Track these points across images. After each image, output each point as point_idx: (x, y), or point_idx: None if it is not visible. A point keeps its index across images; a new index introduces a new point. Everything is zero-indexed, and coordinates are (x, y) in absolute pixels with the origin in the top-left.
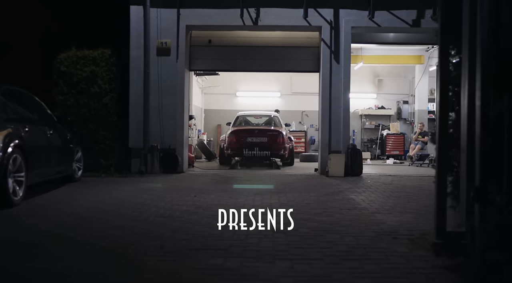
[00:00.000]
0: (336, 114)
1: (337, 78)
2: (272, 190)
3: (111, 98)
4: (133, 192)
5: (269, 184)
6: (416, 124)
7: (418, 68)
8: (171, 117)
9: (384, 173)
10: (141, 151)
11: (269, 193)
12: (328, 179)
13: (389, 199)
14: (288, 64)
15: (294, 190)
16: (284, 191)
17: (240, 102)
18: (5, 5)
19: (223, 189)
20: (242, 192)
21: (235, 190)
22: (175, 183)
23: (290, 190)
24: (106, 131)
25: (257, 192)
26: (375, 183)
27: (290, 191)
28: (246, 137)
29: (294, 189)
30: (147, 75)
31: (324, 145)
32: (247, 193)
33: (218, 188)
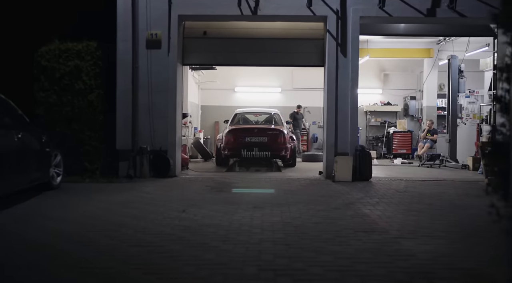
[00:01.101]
0: (343, 112)
1: (344, 73)
2: (273, 201)
3: (97, 95)
4: (114, 205)
5: (270, 192)
6: (425, 121)
7: (427, 62)
8: (162, 116)
9: (394, 176)
10: (129, 154)
11: (270, 206)
12: (335, 185)
13: (409, 215)
14: (290, 58)
15: (299, 201)
16: (287, 202)
17: (238, 98)
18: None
19: (218, 200)
20: (239, 205)
21: (231, 201)
22: (165, 192)
23: (294, 201)
24: (92, 131)
25: (256, 205)
26: (388, 190)
27: (294, 202)
28: (244, 137)
29: (298, 199)
30: (135, 69)
31: (329, 146)
32: (244, 206)
33: (212, 198)
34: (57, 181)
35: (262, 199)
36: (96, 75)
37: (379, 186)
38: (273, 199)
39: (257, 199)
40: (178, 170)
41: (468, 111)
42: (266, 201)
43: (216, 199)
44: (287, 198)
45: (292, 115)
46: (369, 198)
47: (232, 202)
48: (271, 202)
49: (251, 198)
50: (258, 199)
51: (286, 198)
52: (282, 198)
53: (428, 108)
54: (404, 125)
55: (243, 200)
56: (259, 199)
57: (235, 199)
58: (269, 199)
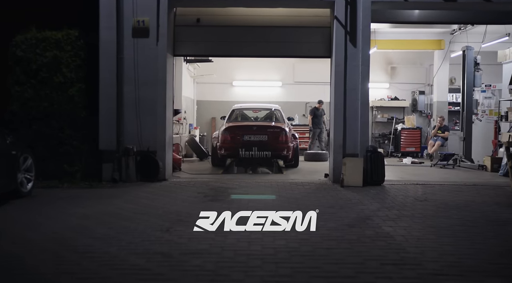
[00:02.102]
0: (352, 109)
1: (353, 65)
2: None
3: (79, 89)
4: (86, 220)
5: (271, 200)
6: (435, 118)
7: (438, 54)
8: (150, 112)
9: (407, 179)
10: (113, 155)
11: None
12: (344, 192)
13: (441, 235)
14: (293, 48)
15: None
16: None
17: (237, 92)
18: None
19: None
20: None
21: None
22: (150, 200)
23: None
24: (73, 129)
25: (255, 221)
26: (405, 198)
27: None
28: (242, 135)
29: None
30: (120, 60)
31: (337, 146)
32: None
33: (203, 210)
34: (28, 188)
35: (262, 212)
36: (78, 67)
37: (394, 193)
38: (275, 212)
39: (257, 211)
40: (169, 172)
41: (484, 107)
42: (265, 205)
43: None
44: (291, 210)
45: (312, 111)
46: (386, 209)
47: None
48: (273, 216)
49: (250, 210)
50: (258, 211)
51: (290, 210)
52: (285, 209)
53: (438, 103)
54: (413, 122)
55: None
56: (260, 209)
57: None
58: (270, 212)
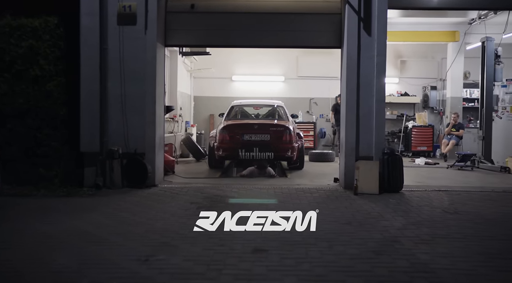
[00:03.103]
0: (366, 106)
1: (367, 56)
2: (282, 234)
3: (58, 83)
4: (45, 244)
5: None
6: (448, 115)
7: (452, 47)
8: (138, 110)
9: (427, 184)
10: (97, 157)
11: (278, 246)
12: (359, 201)
13: (497, 268)
14: (299, 38)
15: (318, 235)
16: (302, 237)
17: (236, 87)
18: None
19: (203, 233)
20: (233, 244)
21: (221, 235)
22: (133, 214)
23: (311, 234)
24: (51, 128)
25: (258, 246)
26: (432, 210)
27: (312, 237)
28: (242, 134)
29: (317, 231)
30: (104, 51)
31: (349, 148)
32: (240, 248)
33: (193, 231)
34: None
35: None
36: (57, 59)
37: (417, 203)
38: (281, 230)
39: (259, 232)
40: (159, 177)
41: (505, 103)
42: (272, 236)
43: (200, 232)
44: (301, 232)
45: (334, 106)
46: (414, 226)
47: (222, 236)
48: (280, 236)
49: (250, 230)
50: (260, 232)
51: (300, 232)
52: (295, 229)
53: (452, 99)
54: (425, 119)
55: (237, 234)
56: (262, 231)
57: (228, 232)
58: (276, 232)
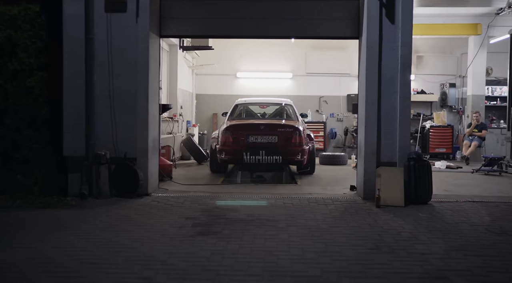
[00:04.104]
0: (388, 104)
1: (390, 47)
2: (295, 265)
3: (39, 79)
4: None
5: (286, 240)
6: (470, 114)
7: (473, 41)
8: (129, 108)
9: (456, 192)
10: (82, 162)
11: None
12: (384, 216)
13: None
14: (312, 27)
15: (341, 270)
16: (321, 274)
17: (241, 85)
18: None
19: (195, 265)
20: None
21: (218, 267)
22: (114, 234)
23: (332, 267)
24: (32, 129)
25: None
26: (474, 229)
27: (334, 271)
28: (247, 136)
29: (338, 261)
30: (90, 42)
31: (368, 152)
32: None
33: (186, 257)
34: None
35: (275, 258)
36: (38, 51)
37: (452, 218)
38: (294, 260)
39: (268, 262)
40: (153, 185)
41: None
42: (283, 268)
43: (193, 261)
44: (318, 258)
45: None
46: (460, 254)
47: (221, 269)
48: (293, 269)
49: (257, 257)
50: (269, 262)
51: (316, 258)
52: (308, 255)
53: (473, 97)
54: (443, 118)
55: (242, 263)
56: (271, 262)
57: (227, 262)
58: (288, 262)
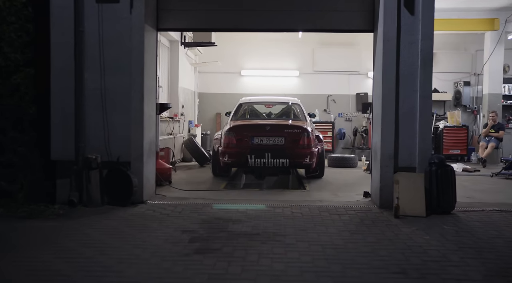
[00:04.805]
0: (407, 103)
1: (410, 41)
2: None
3: (26, 76)
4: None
5: (296, 260)
6: (486, 114)
7: (490, 37)
8: (122, 108)
9: (479, 199)
10: (71, 167)
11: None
12: (405, 229)
13: None
14: (323, 19)
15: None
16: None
17: (246, 83)
18: None
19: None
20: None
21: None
22: (99, 252)
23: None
24: (17, 130)
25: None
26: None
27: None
28: (252, 137)
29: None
30: (79, 35)
31: (385, 156)
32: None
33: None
34: None
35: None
36: (24, 46)
37: (483, 232)
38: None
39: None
40: (149, 191)
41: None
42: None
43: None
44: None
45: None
46: (503, 280)
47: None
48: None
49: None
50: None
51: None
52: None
53: (490, 96)
54: (458, 118)
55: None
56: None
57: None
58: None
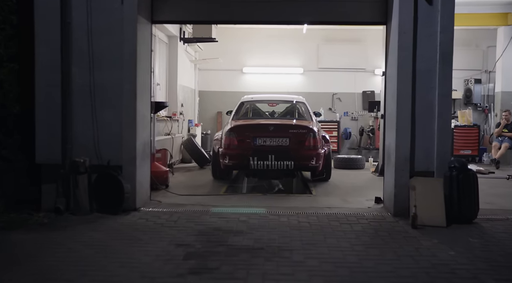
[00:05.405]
0: (424, 101)
1: (427, 33)
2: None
3: (9, 71)
4: None
5: (302, 281)
6: (498, 113)
7: (503, 32)
8: (113, 106)
9: (500, 205)
10: (57, 171)
11: None
12: (425, 241)
13: None
14: (331, 10)
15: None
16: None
17: (248, 81)
18: None
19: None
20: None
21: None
22: (77, 273)
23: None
24: (1, 132)
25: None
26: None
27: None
28: (254, 138)
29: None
30: (66, 27)
31: (400, 160)
32: None
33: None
34: None
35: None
36: (8, 39)
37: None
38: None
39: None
40: (143, 197)
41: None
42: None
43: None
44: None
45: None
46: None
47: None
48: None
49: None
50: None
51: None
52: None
53: (503, 94)
54: (469, 117)
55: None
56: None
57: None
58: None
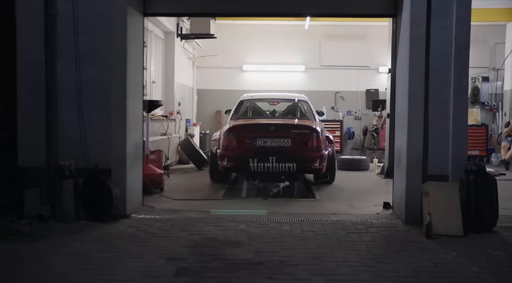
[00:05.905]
0: (438, 100)
1: (441, 26)
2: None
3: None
4: None
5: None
6: (508, 112)
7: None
8: (101, 105)
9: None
10: (41, 175)
11: None
12: (442, 253)
13: None
14: (333, 2)
15: None
16: None
17: (248, 79)
18: None
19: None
20: None
21: None
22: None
23: None
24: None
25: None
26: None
27: None
28: (254, 139)
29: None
30: (50, 19)
31: (412, 163)
32: None
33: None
34: None
35: None
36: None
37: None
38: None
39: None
40: (134, 203)
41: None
42: None
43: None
44: None
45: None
46: None
47: None
48: None
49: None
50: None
51: None
52: None
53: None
54: (477, 116)
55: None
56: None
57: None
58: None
